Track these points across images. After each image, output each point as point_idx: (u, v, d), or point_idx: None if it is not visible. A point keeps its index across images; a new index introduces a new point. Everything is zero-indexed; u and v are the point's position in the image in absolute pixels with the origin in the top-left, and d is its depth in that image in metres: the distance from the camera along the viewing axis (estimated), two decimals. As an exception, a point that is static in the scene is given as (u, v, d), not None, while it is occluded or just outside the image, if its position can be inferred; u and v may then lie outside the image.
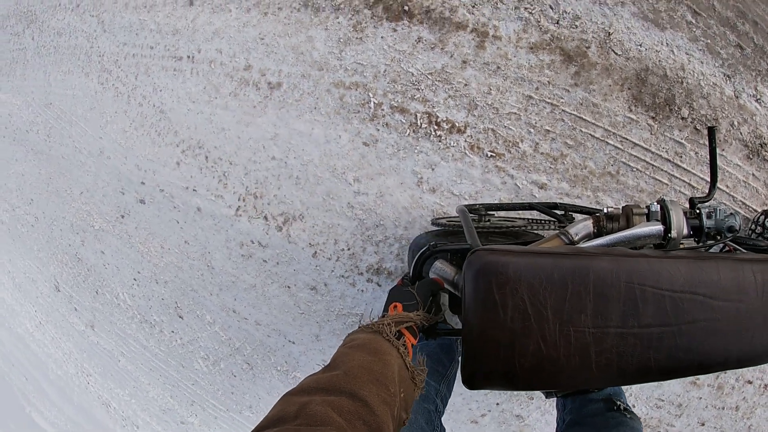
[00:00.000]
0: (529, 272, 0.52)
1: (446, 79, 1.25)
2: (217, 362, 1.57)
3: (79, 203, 1.78)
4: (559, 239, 0.71)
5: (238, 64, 1.38)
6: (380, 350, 0.52)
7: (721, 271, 0.53)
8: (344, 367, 0.48)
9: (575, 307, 0.52)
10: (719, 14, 1.24)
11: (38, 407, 2.50)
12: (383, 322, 0.57)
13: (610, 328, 0.52)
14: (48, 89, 1.94)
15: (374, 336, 0.55)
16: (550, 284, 0.52)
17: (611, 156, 1.27)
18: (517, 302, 0.52)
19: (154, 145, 1.51)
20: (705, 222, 0.66)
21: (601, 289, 0.52)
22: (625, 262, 0.53)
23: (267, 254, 1.38)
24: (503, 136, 1.26)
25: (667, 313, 0.52)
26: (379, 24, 1.28)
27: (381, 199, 1.28)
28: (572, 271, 0.52)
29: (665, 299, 0.52)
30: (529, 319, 0.52)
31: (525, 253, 0.54)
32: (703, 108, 1.26)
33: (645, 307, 0.52)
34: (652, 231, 0.63)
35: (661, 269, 0.53)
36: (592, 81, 1.26)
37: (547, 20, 1.26)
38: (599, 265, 0.53)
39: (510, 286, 0.52)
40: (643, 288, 0.52)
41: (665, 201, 0.66)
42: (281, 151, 1.33)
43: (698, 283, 0.53)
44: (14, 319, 2.36)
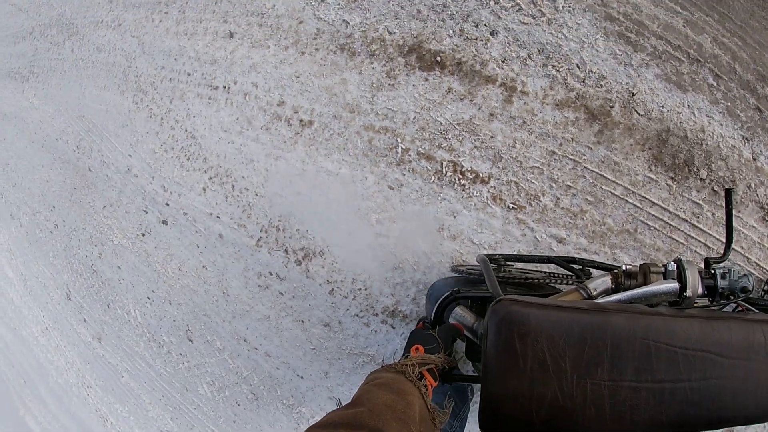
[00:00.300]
0: (550, 324, 0.55)
1: (473, 130, 1.29)
2: (222, 389, 1.56)
3: (101, 216, 1.81)
4: (578, 293, 0.73)
5: (272, 99, 1.42)
6: (403, 390, 0.54)
7: (732, 331, 0.56)
8: (369, 405, 0.49)
9: (592, 361, 0.55)
10: (740, 77, 1.27)
11: (33, 412, 2.48)
12: (406, 363, 0.59)
13: (624, 381, 0.55)
14: (82, 101, 2.00)
15: (397, 376, 0.57)
16: (570, 337, 0.55)
17: (630, 214, 1.29)
18: (537, 353, 0.55)
19: (182, 169, 1.55)
20: (719, 282, 0.69)
21: (618, 344, 0.55)
22: (641, 319, 0.56)
23: (284, 287, 1.39)
24: (525, 189, 1.28)
25: (680, 370, 0.55)
26: (412, 72, 1.33)
27: (401, 242, 1.29)
28: (591, 325, 0.55)
29: (678, 356, 0.55)
30: (548, 369, 0.55)
31: (547, 305, 0.56)
32: (721, 169, 1.28)
33: (658, 363, 0.55)
34: (668, 289, 0.66)
35: (675, 327, 0.55)
36: (615, 140, 1.29)
37: (574, 79, 1.30)
38: (617, 321, 0.56)
39: (531, 337, 0.54)
40: (658, 344, 0.55)
41: (682, 261, 0.69)
42: (307, 187, 1.36)
43: (710, 341, 0.55)
44: (21, 322, 2.37)
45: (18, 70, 2.52)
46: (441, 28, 1.34)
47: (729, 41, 1.27)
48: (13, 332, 2.45)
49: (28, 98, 2.38)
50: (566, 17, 1.31)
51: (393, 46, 1.36)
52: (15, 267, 2.34)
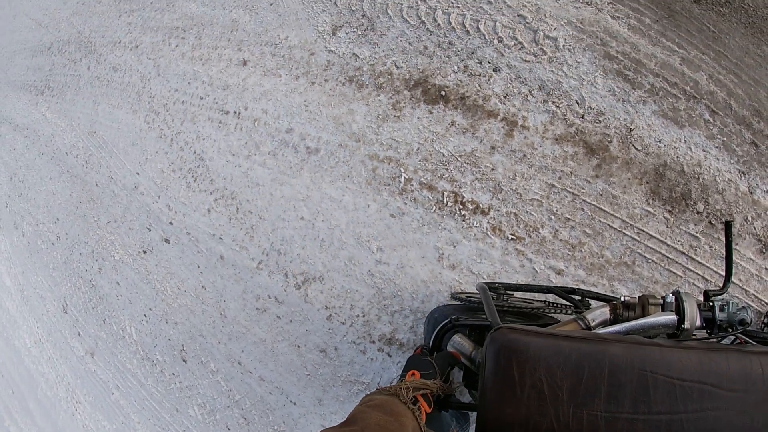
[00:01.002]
0: (548, 353, 0.55)
1: (474, 162, 1.32)
2: (214, 412, 1.53)
3: (104, 231, 1.83)
4: (576, 324, 0.73)
5: (280, 125, 1.47)
6: (396, 411, 0.54)
7: (730, 362, 0.56)
8: (362, 424, 0.49)
9: (589, 391, 0.55)
10: (736, 113, 1.31)
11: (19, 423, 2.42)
12: (401, 386, 0.59)
13: (621, 413, 0.54)
14: (94, 118, 2.06)
15: (391, 398, 0.57)
16: (568, 367, 0.55)
17: (628, 247, 1.30)
18: (534, 381, 0.55)
19: (189, 189, 1.58)
20: (717, 314, 0.69)
21: (615, 375, 0.55)
22: (639, 349, 0.56)
23: (282, 311, 1.39)
24: (525, 221, 1.30)
25: (677, 401, 0.55)
26: (417, 105, 1.38)
27: (401, 270, 1.30)
28: (589, 355, 0.56)
29: (675, 387, 0.55)
30: (545, 399, 0.55)
31: (546, 334, 0.57)
32: (718, 203, 1.30)
33: (656, 394, 0.54)
34: (666, 321, 0.67)
35: (673, 358, 0.56)
36: (613, 174, 1.32)
37: (573, 114, 1.35)
38: (614, 351, 0.56)
39: (529, 366, 0.55)
40: (655, 376, 0.55)
41: (680, 293, 0.69)
42: (310, 212, 1.38)
43: (707, 372, 0.55)
44: (14, 331, 2.35)
45: (33, 83, 2.60)
46: (446, 64, 1.40)
47: (725, 78, 1.32)
48: (6, 341, 2.42)
49: (42, 111, 2.44)
50: (566, 56, 1.37)
51: (400, 79, 1.41)
52: (14, 276, 2.34)
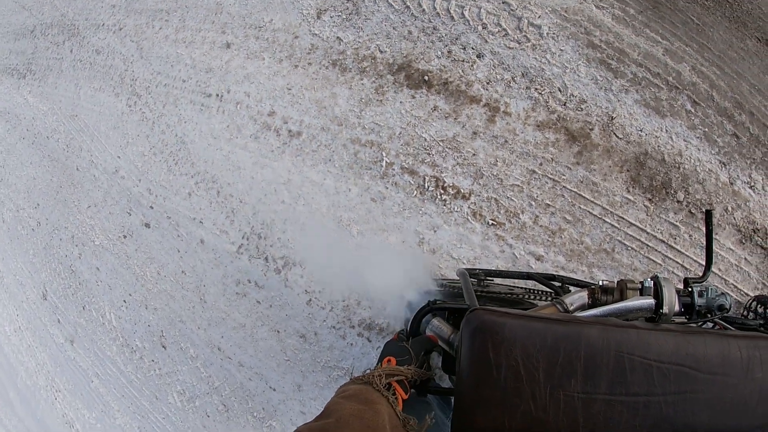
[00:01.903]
0: (524, 335, 0.55)
1: (456, 147, 1.32)
2: (193, 399, 1.52)
3: (84, 216, 1.80)
4: (554, 307, 0.72)
5: (263, 109, 1.45)
6: (370, 400, 0.54)
7: (708, 346, 0.56)
8: (336, 415, 0.49)
9: (566, 372, 0.54)
10: (718, 104, 1.32)
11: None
12: (374, 374, 0.59)
13: (598, 394, 0.54)
14: (76, 102, 2.02)
15: (365, 386, 0.57)
16: (544, 348, 0.55)
17: (608, 234, 1.31)
18: (510, 362, 0.55)
19: (170, 173, 1.56)
20: (696, 300, 0.69)
21: (592, 357, 0.55)
22: (616, 331, 0.56)
23: (262, 295, 1.38)
24: (505, 206, 1.30)
25: (654, 383, 0.55)
26: (400, 90, 1.37)
27: (382, 254, 1.30)
28: (565, 336, 0.55)
29: (653, 369, 0.55)
30: (521, 380, 0.55)
31: (521, 316, 0.57)
32: (698, 192, 1.31)
33: (633, 376, 0.54)
34: (643, 305, 0.66)
35: (650, 340, 0.56)
36: (594, 161, 1.32)
37: (555, 102, 1.35)
38: (590, 332, 0.56)
39: (505, 347, 0.55)
40: (632, 357, 0.55)
41: (659, 278, 0.69)
42: (291, 196, 1.37)
43: (685, 355, 0.55)
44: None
45: (16, 67, 2.54)
46: (430, 49, 1.39)
47: (707, 70, 1.33)
48: (-15, 331, 2.37)
49: (23, 95, 2.39)
50: (550, 43, 1.37)
51: (383, 64, 1.40)
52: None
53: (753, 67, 1.35)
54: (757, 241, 1.31)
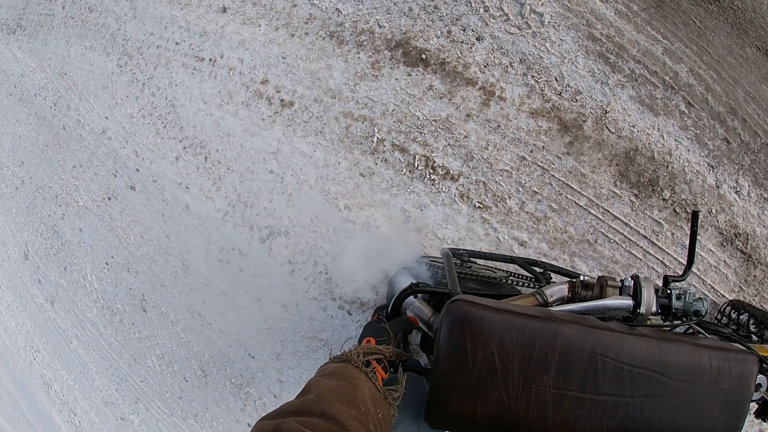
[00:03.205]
0: (502, 328, 0.56)
1: (448, 128, 1.31)
2: (172, 363, 1.52)
3: (69, 176, 1.77)
4: (534, 298, 0.74)
5: (256, 76, 1.43)
6: (349, 376, 0.55)
7: (680, 353, 0.57)
8: (315, 392, 0.51)
9: (540, 367, 0.56)
10: (711, 108, 1.33)
11: (-26, 375, 2.36)
12: (352, 352, 0.60)
13: (569, 391, 0.56)
14: (66, 59, 1.96)
15: (344, 364, 0.58)
16: (520, 343, 0.56)
17: (591, 225, 1.32)
18: (486, 354, 0.56)
19: (158, 136, 1.53)
20: (674, 302, 0.70)
21: (566, 355, 0.56)
22: (592, 332, 0.57)
23: (245, 264, 1.38)
24: (493, 191, 1.31)
25: (624, 385, 0.57)
26: (396, 66, 1.35)
27: (367, 230, 1.30)
28: (542, 333, 0.57)
29: (624, 372, 0.57)
30: (496, 371, 0.56)
31: (501, 310, 0.58)
32: (684, 192, 1.32)
33: (604, 376, 0.56)
34: (621, 305, 0.68)
35: (624, 344, 0.57)
36: (584, 152, 1.33)
37: (551, 90, 1.35)
38: (567, 331, 0.57)
39: (482, 339, 0.56)
40: (605, 359, 0.56)
41: (639, 278, 0.70)
42: (280, 166, 1.36)
43: (656, 361, 0.57)
44: (-27, 279, 2.27)
45: (6, 22, 2.45)
46: (430, 28, 1.37)
47: (705, 73, 1.33)
48: (-35, 289, 2.34)
49: (12, 51, 2.31)
50: (551, 32, 1.35)
51: (381, 39, 1.38)
52: (-25, 222, 2.25)
53: (750, 75, 1.35)
54: (737, 245, 1.34)
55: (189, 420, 1.53)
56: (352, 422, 0.47)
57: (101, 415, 1.75)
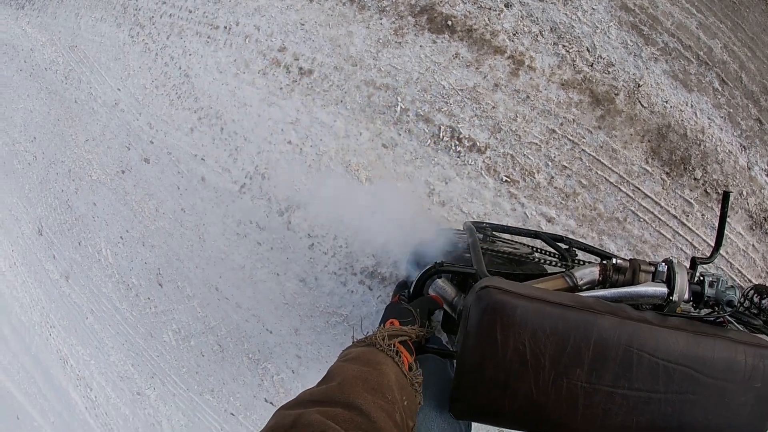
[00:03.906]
0: (535, 319, 0.54)
1: (475, 98, 1.25)
2: (188, 338, 1.51)
3: (82, 150, 1.74)
4: (563, 279, 0.70)
5: (273, 44, 1.37)
6: (375, 361, 0.52)
7: (716, 349, 0.56)
8: (339, 379, 0.48)
9: (573, 361, 0.54)
10: (745, 87, 1.26)
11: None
12: (377, 335, 0.57)
13: (601, 385, 0.55)
14: (76, 32, 1.92)
15: (368, 348, 0.55)
16: (554, 335, 0.54)
17: (621, 203, 1.27)
18: (518, 346, 0.54)
19: (172, 107, 1.49)
20: (707, 290, 0.68)
21: (601, 348, 0.54)
22: (628, 325, 0.55)
23: (263, 237, 1.35)
24: (521, 164, 1.25)
25: (658, 381, 0.55)
26: (421, 33, 1.29)
27: (389, 203, 1.26)
28: (577, 325, 0.54)
29: (659, 367, 0.55)
30: (527, 364, 0.54)
31: (535, 298, 0.55)
32: (716, 173, 1.27)
33: (638, 371, 0.54)
34: (655, 292, 0.65)
35: (661, 338, 0.55)
36: (615, 127, 1.27)
37: (583, 61, 1.28)
38: (603, 323, 0.55)
39: (514, 330, 0.53)
40: (641, 354, 0.54)
41: (673, 263, 0.67)
42: (299, 137, 1.31)
43: (693, 357, 0.55)
44: (-12, 256, 2.28)
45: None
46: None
47: (739, 50, 1.26)
48: (-20, 266, 2.36)
49: (22, 26, 2.27)
50: (582, 0, 1.28)
51: (405, 4, 1.31)
52: (-12, 198, 2.25)
53: (784, 55, 1.28)
54: (766, 229, 1.28)
55: (205, 395, 1.53)
56: (378, 413, 0.44)
57: (117, 390, 1.76)
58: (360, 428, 0.42)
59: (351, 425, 0.41)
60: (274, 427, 0.41)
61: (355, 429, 0.41)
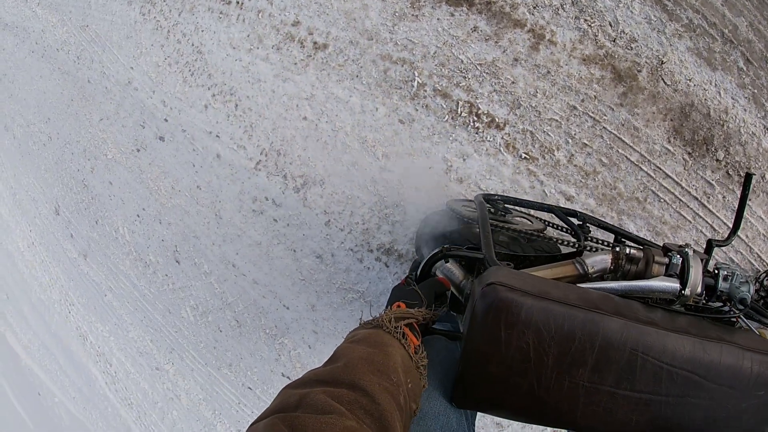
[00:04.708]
0: (540, 319, 0.54)
1: (494, 73, 1.23)
2: (206, 314, 1.54)
3: (96, 129, 1.74)
4: (573, 266, 0.70)
5: (287, 18, 1.34)
6: (381, 342, 0.52)
7: (722, 356, 0.55)
8: (344, 360, 0.48)
9: (576, 361, 0.54)
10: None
11: (14, 328, 2.47)
12: (383, 317, 0.57)
13: (603, 386, 0.55)
14: (87, 11, 1.90)
15: (375, 330, 0.55)
16: (559, 334, 0.54)
17: (642, 182, 1.25)
18: (521, 344, 0.54)
19: (185, 84, 1.48)
20: (720, 284, 0.65)
21: (606, 350, 0.54)
22: (635, 328, 0.55)
23: (279, 213, 1.35)
24: (540, 141, 1.23)
25: (661, 384, 0.55)
26: (438, 6, 1.26)
27: (406, 179, 1.25)
28: (582, 326, 0.54)
29: (663, 371, 0.55)
30: (529, 362, 0.55)
31: (541, 297, 0.55)
32: (738, 154, 1.24)
33: (642, 374, 0.55)
34: (667, 288, 0.63)
35: (667, 342, 0.55)
36: (638, 105, 1.24)
37: (605, 36, 1.24)
38: (609, 326, 0.54)
39: (518, 328, 0.54)
40: (646, 358, 0.55)
41: (688, 255, 0.65)
42: (314, 112, 1.30)
43: (698, 363, 0.55)
44: (7, 236, 2.33)
45: (22, -23, 2.38)
46: (475, -38, 1.25)
47: (765, 29, 1.21)
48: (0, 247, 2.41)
49: (32, 7, 2.26)
50: (607, -30, 1.23)
51: (421, -25, 1.27)
52: (5, 180, 2.29)
53: (810, 37, 1.22)
54: None
55: (223, 369, 1.56)
56: (382, 394, 0.44)
57: (136, 365, 1.81)
58: (364, 409, 0.42)
59: (355, 406, 0.42)
60: (279, 405, 0.42)
61: (358, 409, 0.42)
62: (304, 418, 0.38)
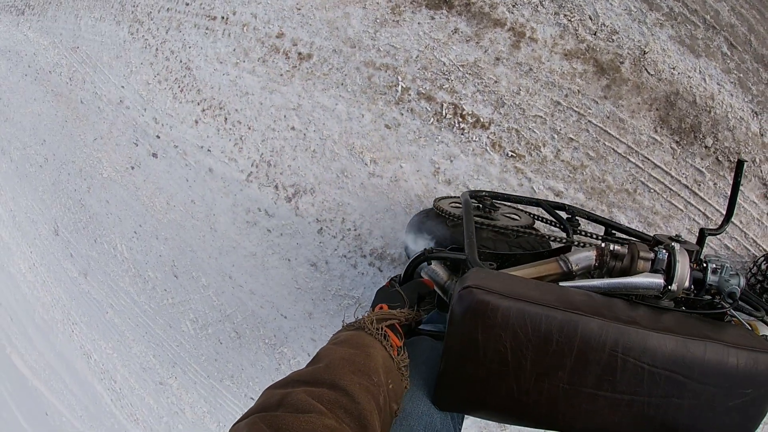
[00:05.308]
0: (517, 320, 0.53)
1: (477, 74, 1.24)
2: (206, 326, 1.55)
3: (91, 149, 1.77)
4: (557, 264, 0.69)
5: (271, 30, 1.37)
6: (363, 344, 0.53)
7: (707, 354, 0.54)
8: (326, 360, 0.49)
9: (555, 363, 0.54)
10: (755, 51, 1.22)
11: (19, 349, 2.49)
12: (365, 319, 0.58)
13: (584, 387, 0.55)
14: (77, 33, 1.93)
15: (357, 332, 0.56)
16: (536, 336, 0.54)
17: (631, 174, 1.25)
18: (498, 347, 0.54)
19: (175, 101, 1.50)
20: (709, 277, 0.64)
21: (585, 351, 0.54)
22: (615, 328, 0.54)
23: (272, 224, 1.36)
24: (526, 138, 1.24)
25: (643, 385, 0.54)
26: (418, 10, 1.27)
27: (395, 183, 1.26)
28: (560, 327, 0.53)
29: (644, 372, 0.54)
30: (507, 365, 0.54)
31: (519, 299, 0.55)
32: (727, 140, 1.24)
33: (622, 375, 0.54)
34: (650, 284, 0.62)
35: (649, 342, 0.54)
36: (622, 96, 1.24)
37: (585, 30, 1.25)
38: (588, 326, 0.54)
39: (495, 331, 0.54)
40: (626, 358, 0.54)
41: (674, 250, 0.64)
42: (302, 122, 1.32)
43: (681, 362, 0.54)
44: (8, 258, 2.36)
45: (14, 4, 2.43)
46: (452, -34, 1.27)
47: (747, 13, 1.22)
48: (1, 269, 2.44)
49: (23, 31, 2.30)
50: (584, -34, 1.24)
51: (401, -19, 1.29)
52: (4, 203, 2.32)
53: (795, 17, 1.23)
54: None
55: (226, 381, 1.57)
56: (362, 393, 0.45)
57: (140, 381, 1.82)
58: (343, 408, 0.43)
59: (335, 405, 0.43)
60: (261, 405, 0.43)
61: (338, 408, 0.43)
62: (284, 417, 0.39)
